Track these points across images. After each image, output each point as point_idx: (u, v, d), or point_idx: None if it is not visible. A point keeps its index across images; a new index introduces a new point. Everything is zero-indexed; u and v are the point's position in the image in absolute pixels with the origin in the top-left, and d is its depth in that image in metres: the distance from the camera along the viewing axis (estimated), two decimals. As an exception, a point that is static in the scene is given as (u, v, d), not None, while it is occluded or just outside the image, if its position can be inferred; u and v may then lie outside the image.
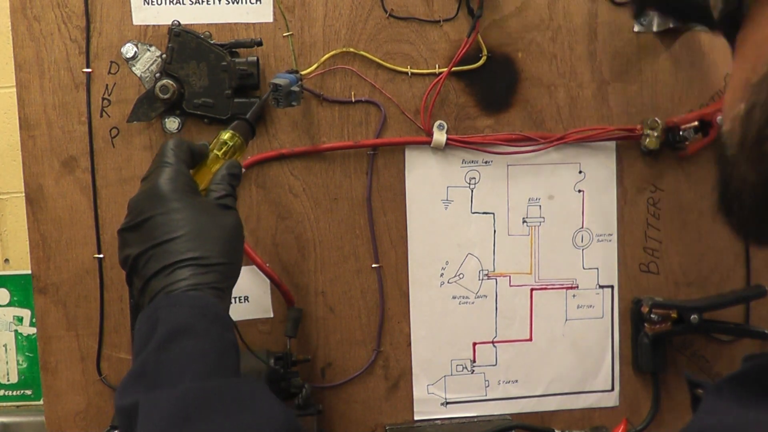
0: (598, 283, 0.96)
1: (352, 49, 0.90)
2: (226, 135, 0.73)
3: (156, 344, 0.58)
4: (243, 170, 0.89)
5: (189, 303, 0.61)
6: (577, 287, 0.96)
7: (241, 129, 0.75)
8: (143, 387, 0.56)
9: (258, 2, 0.88)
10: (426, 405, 0.96)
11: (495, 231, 0.95)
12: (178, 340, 0.58)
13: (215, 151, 0.73)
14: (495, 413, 0.97)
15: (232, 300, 0.91)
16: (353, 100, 0.91)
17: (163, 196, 0.64)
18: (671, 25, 0.92)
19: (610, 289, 0.97)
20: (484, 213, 0.94)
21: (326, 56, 0.88)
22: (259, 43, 0.86)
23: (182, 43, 0.85)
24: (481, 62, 0.91)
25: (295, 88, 0.81)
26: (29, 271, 0.90)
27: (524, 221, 0.95)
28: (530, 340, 0.96)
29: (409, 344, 0.95)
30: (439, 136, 0.91)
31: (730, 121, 0.46)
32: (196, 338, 0.59)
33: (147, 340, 0.59)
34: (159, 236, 0.63)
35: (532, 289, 0.96)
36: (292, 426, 0.56)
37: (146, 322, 0.60)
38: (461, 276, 0.95)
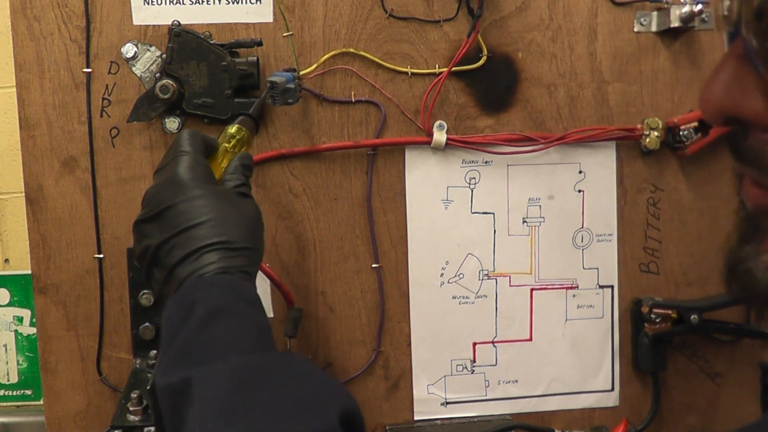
0: (598, 283, 0.96)
1: (352, 49, 0.90)
2: (233, 129, 0.75)
3: (196, 324, 0.57)
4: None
5: (224, 285, 0.60)
6: (577, 287, 0.96)
7: (246, 123, 0.77)
8: (190, 364, 0.55)
9: (258, 2, 0.88)
10: (426, 405, 0.96)
11: (495, 231, 0.95)
12: (218, 320, 0.57)
13: (224, 144, 0.74)
14: (495, 413, 0.97)
15: (232, 300, 0.91)
16: (353, 100, 0.91)
17: (183, 184, 0.64)
18: (672, 26, 0.91)
19: (610, 289, 0.97)
20: (484, 213, 0.94)
21: (326, 56, 0.88)
22: (259, 43, 0.86)
23: (182, 43, 0.85)
24: (481, 62, 0.91)
25: (291, 85, 0.82)
26: (29, 271, 0.90)
27: (524, 221, 0.95)
28: (530, 340, 0.96)
29: (409, 344, 0.95)
30: (439, 136, 0.91)
31: None
32: (235, 318, 0.58)
33: (183, 321, 0.58)
34: (182, 223, 0.62)
35: (532, 289, 0.96)
36: (352, 400, 0.55)
37: (179, 305, 0.59)
38: (461, 276, 0.95)
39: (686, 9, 0.89)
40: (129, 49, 0.87)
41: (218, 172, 0.72)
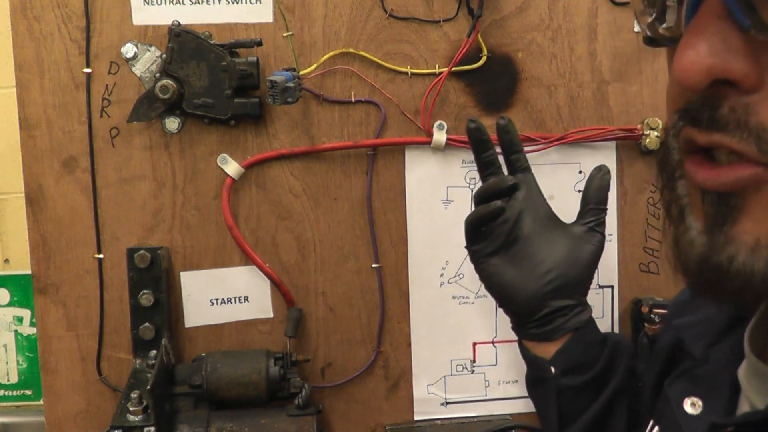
0: (598, 283, 0.96)
1: (352, 50, 0.90)
2: None
3: None
4: (244, 171, 0.90)
5: None
6: (577, 287, 0.96)
7: None
8: None
9: (258, 2, 0.88)
10: (426, 405, 0.96)
11: (495, 231, 0.94)
12: None
13: None
14: (495, 413, 0.96)
15: (233, 300, 0.91)
16: (353, 100, 0.91)
17: None
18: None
19: (610, 289, 0.97)
20: (484, 213, 0.94)
21: (326, 56, 0.88)
22: (259, 43, 0.86)
23: (182, 43, 0.85)
24: (481, 62, 0.91)
25: (291, 84, 0.81)
26: (29, 271, 0.90)
27: (524, 221, 0.95)
28: (530, 340, 0.96)
29: (409, 344, 0.95)
30: (439, 136, 0.91)
31: None
32: None
33: None
34: None
35: (532, 289, 0.96)
36: None
37: None
38: (461, 276, 0.95)
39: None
40: (129, 49, 0.87)
41: None
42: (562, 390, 0.69)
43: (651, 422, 0.57)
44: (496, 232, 0.71)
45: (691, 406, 0.52)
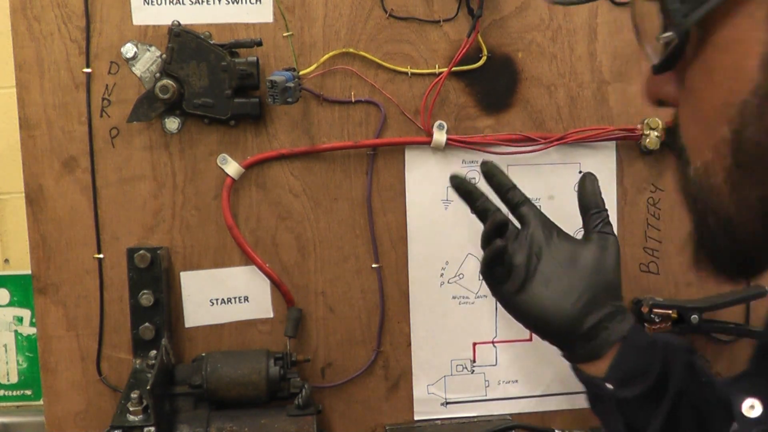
0: (598, 283, 0.96)
1: (352, 50, 0.90)
2: None
3: None
4: (244, 171, 0.90)
5: None
6: (577, 287, 0.96)
7: None
8: None
9: (258, 2, 0.88)
10: (426, 405, 0.96)
11: (495, 231, 0.94)
12: None
13: None
14: (495, 413, 0.97)
15: (233, 300, 0.91)
16: (353, 100, 0.91)
17: None
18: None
19: (610, 289, 0.97)
20: (484, 213, 0.94)
21: (326, 56, 0.88)
22: (259, 43, 0.86)
23: (182, 43, 0.85)
24: (481, 62, 0.91)
25: (291, 84, 0.81)
26: (29, 271, 0.90)
27: (524, 221, 0.95)
28: (530, 340, 0.96)
29: (409, 344, 0.95)
30: (439, 136, 0.91)
31: (711, 150, 0.46)
32: None
33: None
34: None
35: (532, 289, 0.96)
36: None
37: None
38: (461, 276, 0.95)
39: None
40: (129, 49, 0.87)
41: None
42: (622, 403, 0.68)
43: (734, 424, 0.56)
44: (515, 271, 0.72)
45: (750, 408, 0.52)
